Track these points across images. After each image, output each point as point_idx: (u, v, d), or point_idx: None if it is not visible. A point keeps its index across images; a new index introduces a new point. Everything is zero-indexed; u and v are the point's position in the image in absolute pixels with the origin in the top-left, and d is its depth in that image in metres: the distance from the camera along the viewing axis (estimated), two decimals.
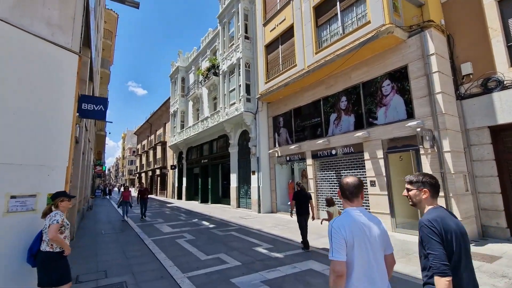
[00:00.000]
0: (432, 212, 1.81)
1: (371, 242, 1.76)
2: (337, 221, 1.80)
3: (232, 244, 7.02)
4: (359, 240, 1.73)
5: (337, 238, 1.73)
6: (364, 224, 1.80)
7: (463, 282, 1.65)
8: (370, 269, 1.72)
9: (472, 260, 1.76)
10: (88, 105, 5.27)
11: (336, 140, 10.13)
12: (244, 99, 14.20)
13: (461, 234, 1.72)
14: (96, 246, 7.13)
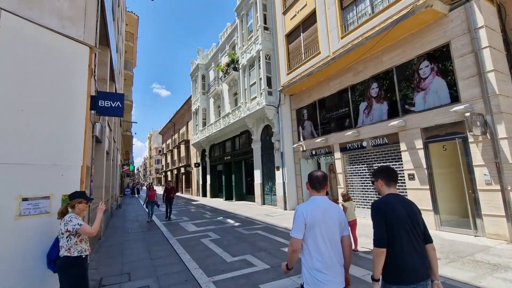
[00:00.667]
0: (384, 198, 2.12)
1: (328, 225, 2.03)
2: (302, 206, 2.09)
3: (259, 244, 6.63)
4: (318, 222, 2.01)
5: (298, 220, 2.03)
6: (324, 210, 2.07)
7: (403, 253, 1.91)
8: (325, 248, 1.99)
9: (420, 237, 2.01)
10: (105, 102, 5.08)
11: (367, 130, 9.34)
12: (265, 93, 13.70)
13: (408, 216, 1.99)
14: (123, 246, 7.06)
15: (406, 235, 1.96)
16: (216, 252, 6.10)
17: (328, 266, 1.97)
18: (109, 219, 10.99)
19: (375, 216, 2.04)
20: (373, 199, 9.29)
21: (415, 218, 2.04)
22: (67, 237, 2.77)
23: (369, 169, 9.46)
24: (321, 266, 1.96)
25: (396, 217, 1.97)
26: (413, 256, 1.93)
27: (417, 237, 1.99)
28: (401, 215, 1.98)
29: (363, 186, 9.69)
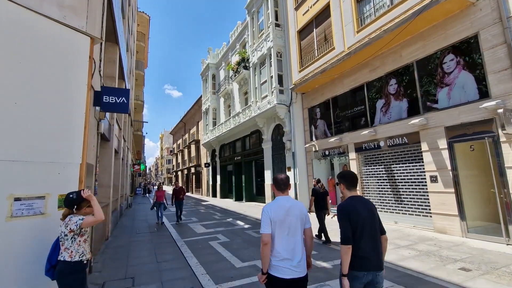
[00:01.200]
0: (347, 200, 2.36)
1: (290, 221, 2.33)
2: (267, 206, 2.39)
3: None
4: (281, 219, 2.31)
5: (265, 217, 2.33)
6: (287, 208, 2.35)
7: (362, 246, 2.21)
8: (288, 239, 2.31)
9: (377, 231, 2.30)
10: (109, 98, 4.86)
11: (385, 129, 8.83)
12: (276, 91, 13.33)
13: (368, 215, 2.27)
14: (129, 247, 6.86)
15: (366, 231, 2.25)
16: (224, 257, 5.79)
17: (290, 255, 2.30)
18: (118, 218, 10.88)
19: (340, 217, 2.28)
20: (390, 202, 8.77)
21: (373, 215, 2.32)
22: (72, 237, 2.59)
23: (387, 170, 8.94)
24: (284, 255, 2.29)
25: (357, 217, 2.25)
26: (370, 249, 2.25)
27: (374, 232, 2.29)
28: (362, 214, 2.26)
29: (380, 188, 9.17)
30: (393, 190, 8.69)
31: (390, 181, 8.79)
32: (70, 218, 2.59)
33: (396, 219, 8.53)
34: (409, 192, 8.18)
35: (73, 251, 2.57)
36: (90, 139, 4.67)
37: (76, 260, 2.57)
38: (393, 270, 4.65)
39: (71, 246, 2.57)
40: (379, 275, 2.28)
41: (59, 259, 2.60)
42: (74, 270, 2.56)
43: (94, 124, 5.03)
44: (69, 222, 2.56)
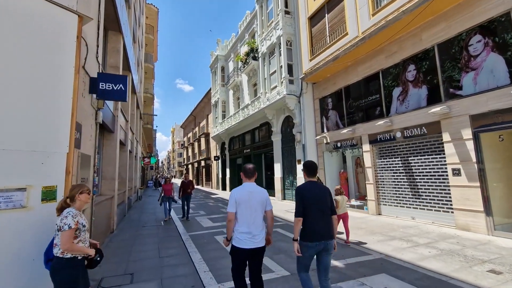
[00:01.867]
0: (304, 183, 3.01)
1: (252, 203, 2.91)
2: (234, 190, 2.99)
3: (278, 245, 5.95)
4: (244, 201, 2.89)
5: (231, 199, 2.92)
6: (250, 192, 2.94)
7: (312, 221, 2.82)
8: (248, 218, 2.88)
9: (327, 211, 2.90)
10: (106, 85, 4.58)
11: (402, 119, 8.26)
12: (286, 81, 12.83)
13: (318, 197, 2.89)
14: (134, 241, 6.69)
15: (315, 209, 2.82)
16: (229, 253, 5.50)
17: (249, 230, 2.83)
18: (125, 211, 10.82)
19: (296, 196, 2.91)
20: (407, 197, 8.25)
21: (324, 198, 2.89)
22: None
23: (403, 163, 8.39)
24: (245, 230, 2.83)
25: (309, 197, 2.84)
26: (319, 223, 2.80)
27: (324, 211, 2.86)
28: (313, 196, 2.86)
29: (395, 182, 8.64)
30: (410, 184, 8.15)
31: (407, 175, 8.25)
32: (68, 215, 2.36)
33: (413, 214, 8.02)
34: (428, 186, 7.63)
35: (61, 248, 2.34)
36: (86, 129, 4.43)
37: (68, 257, 2.36)
38: (412, 271, 4.23)
39: (59, 243, 2.36)
40: (329, 243, 2.84)
41: (54, 253, 2.39)
42: (66, 266, 2.36)
43: (91, 113, 4.78)
44: (64, 219, 2.34)
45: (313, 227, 2.79)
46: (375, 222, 8.01)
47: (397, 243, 5.76)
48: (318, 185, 2.96)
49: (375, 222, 8.09)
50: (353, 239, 6.18)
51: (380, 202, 9.13)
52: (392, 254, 5.08)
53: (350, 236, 6.09)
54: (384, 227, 7.30)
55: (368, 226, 7.51)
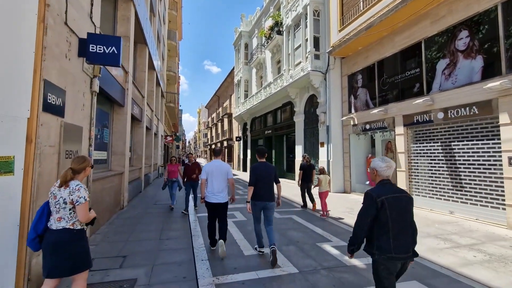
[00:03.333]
0: (255, 164, 4.28)
1: (218, 173, 4.26)
2: (206, 164, 4.42)
3: (290, 234, 5.32)
4: (211, 171, 4.26)
5: (203, 170, 4.30)
6: (216, 165, 4.31)
7: (260, 188, 4.05)
8: (215, 183, 4.23)
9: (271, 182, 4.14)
10: (97, 47, 4.04)
11: (446, 97, 6.99)
12: (311, 56, 11.66)
13: (265, 173, 4.11)
14: (140, 220, 6.43)
15: (262, 181, 4.09)
16: (235, 239, 4.98)
17: (216, 191, 4.23)
18: (141, 188, 10.77)
19: (250, 172, 4.18)
20: (446, 188, 7.14)
21: (269, 173, 4.15)
22: (71, 209, 2.30)
23: (444, 149, 7.21)
24: (212, 190, 4.24)
25: (258, 173, 4.11)
26: (262, 190, 4.08)
27: (268, 182, 4.13)
28: (261, 172, 4.12)
29: (432, 170, 7.51)
30: (451, 173, 7.00)
31: (448, 162, 7.09)
32: (80, 187, 2.29)
33: (452, 208, 6.94)
34: (474, 177, 6.47)
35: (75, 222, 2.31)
36: (74, 96, 3.96)
37: (79, 228, 2.34)
38: (453, 281, 3.39)
39: (69, 217, 2.28)
40: (269, 203, 4.07)
41: (54, 227, 2.25)
42: (79, 238, 2.33)
43: (84, 80, 4.30)
44: (75, 192, 2.26)
45: (259, 192, 4.08)
46: None
47: (432, 242, 4.86)
48: (266, 164, 4.25)
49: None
50: None
51: (413, 192, 8.07)
52: (426, 255, 4.22)
53: None
54: (416, 222, 6.33)
55: None
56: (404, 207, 2.11)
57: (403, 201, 2.12)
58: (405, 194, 2.17)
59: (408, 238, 2.10)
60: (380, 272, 2.10)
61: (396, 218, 2.06)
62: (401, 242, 2.05)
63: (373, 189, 2.19)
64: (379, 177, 2.24)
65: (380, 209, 2.06)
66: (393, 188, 2.17)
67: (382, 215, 2.06)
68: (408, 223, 2.12)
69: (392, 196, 2.09)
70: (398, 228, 2.06)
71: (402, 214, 2.09)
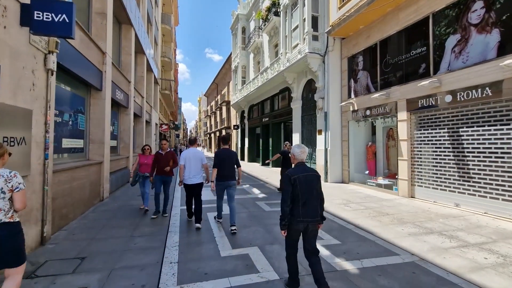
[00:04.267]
0: (219, 150, 4.99)
1: (193, 159, 4.98)
2: (183, 152, 5.09)
3: (276, 231, 4.78)
4: (189, 158, 4.98)
5: (181, 157, 4.99)
6: (191, 153, 5.03)
7: (223, 169, 4.78)
8: (191, 167, 4.96)
9: (233, 165, 4.89)
10: (44, 14, 3.39)
11: (456, 78, 6.29)
12: (309, 37, 10.85)
13: (227, 157, 4.84)
14: (116, 213, 5.93)
15: (225, 164, 4.79)
16: (214, 237, 4.46)
17: (192, 175, 4.94)
18: (128, 178, 10.25)
19: (214, 156, 4.88)
20: (451, 178, 6.55)
21: (231, 157, 4.87)
22: (10, 198, 2.16)
23: (451, 135, 6.57)
24: (189, 174, 4.94)
25: (222, 157, 4.81)
26: (225, 171, 4.79)
27: (231, 164, 4.85)
28: (224, 156, 4.83)
29: (437, 159, 6.89)
30: (458, 162, 6.39)
31: (455, 150, 6.46)
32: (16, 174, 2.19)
33: (457, 200, 6.37)
34: (484, 166, 5.86)
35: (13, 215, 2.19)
36: (17, 73, 3.35)
37: (17, 220, 2.23)
38: None
39: (8, 208, 2.15)
40: (230, 182, 4.86)
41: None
42: (19, 230, 2.24)
43: (33, 55, 3.67)
44: (13, 178, 2.16)
45: (222, 173, 4.79)
46: (406, 207, 6.51)
47: (436, 240, 4.31)
48: (229, 150, 4.98)
49: (406, 207, 6.58)
50: (376, 230, 4.82)
51: (415, 183, 7.49)
52: (429, 257, 3.68)
53: (372, 223, 4.75)
54: (418, 215, 5.80)
55: (397, 212, 6.05)
56: (311, 183, 2.63)
57: (310, 178, 2.64)
58: (313, 172, 2.72)
59: (314, 206, 2.63)
60: (291, 231, 2.64)
61: (305, 191, 2.58)
62: (307, 209, 2.59)
63: (289, 170, 2.70)
64: (296, 160, 2.80)
65: (293, 185, 2.57)
66: (304, 168, 2.71)
67: (295, 190, 2.57)
68: (315, 195, 2.65)
69: (303, 175, 2.62)
70: (305, 198, 2.58)
71: (309, 188, 2.61)
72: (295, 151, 2.80)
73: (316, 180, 2.69)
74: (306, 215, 2.57)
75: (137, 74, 13.26)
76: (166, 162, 5.62)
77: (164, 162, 5.62)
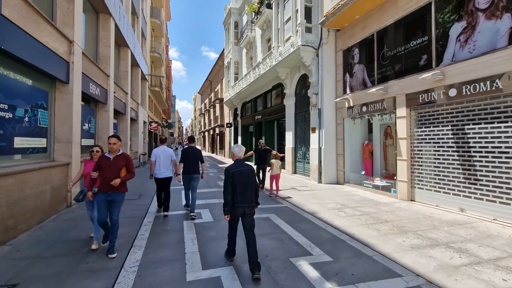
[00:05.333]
0: (185, 147, 6.26)
1: (163, 155, 5.70)
2: (154, 149, 5.75)
3: (261, 243, 4.13)
4: (159, 155, 5.67)
5: (152, 155, 5.70)
6: (162, 150, 5.73)
7: (189, 164, 5.65)
8: (160, 163, 5.66)
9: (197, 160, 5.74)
10: None
11: (461, 70, 5.68)
12: (302, 29, 10.19)
13: (192, 153, 5.67)
14: (78, 223, 5.22)
15: (190, 159, 5.60)
16: (184, 253, 3.78)
17: (162, 170, 5.63)
18: None
19: (181, 153, 5.67)
20: (456, 180, 5.96)
21: (195, 154, 5.65)
22: None
23: (456, 133, 5.97)
24: (159, 168, 5.63)
25: (188, 153, 5.61)
26: (191, 166, 5.61)
27: (195, 160, 5.65)
28: (190, 153, 5.62)
29: (440, 159, 6.30)
30: (463, 162, 5.80)
31: (460, 150, 5.87)
32: None
33: (463, 205, 5.78)
34: (493, 167, 5.27)
35: None
36: None
37: None
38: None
39: None
40: (194, 175, 5.65)
41: None
42: None
43: None
44: None
45: (188, 166, 5.63)
46: (406, 213, 5.91)
47: (443, 255, 3.69)
48: (194, 148, 5.81)
49: (406, 212, 5.97)
50: (373, 241, 4.19)
51: (415, 185, 6.90)
52: (437, 278, 3.05)
53: (369, 233, 4.12)
54: (420, 222, 5.19)
55: (397, 218, 5.44)
56: (247, 176, 3.24)
57: (246, 172, 3.25)
58: (248, 167, 3.31)
59: (250, 194, 3.24)
60: (233, 215, 3.22)
61: (241, 183, 3.19)
62: (244, 197, 3.19)
63: (229, 165, 3.29)
64: (235, 157, 3.41)
65: (233, 178, 3.18)
66: (242, 164, 3.32)
67: (234, 181, 3.17)
68: (250, 185, 3.25)
69: (240, 169, 3.24)
70: (242, 188, 3.19)
71: (245, 180, 3.22)
72: (234, 150, 3.43)
73: (251, 173, 3.29)
74: (243, 201, 3.17)
75: (120, 69, 12.49)
76: (114, 172, 3.70)
77: (111, 171, 3.69)
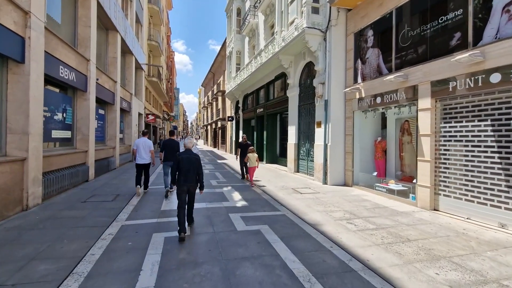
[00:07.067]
0: (165, 140, 9.06)
1: (143, 146, 6.93)
2: (136, 140, 7.69)
3: (242, 275, 3.06)
4: (139, 144, 6.92)
5: (134, 144, 7.02)
6: (143, 141, 6.98)
7: (167, 154, 7.03)
8: (140, 151, 6.90)
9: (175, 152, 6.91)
10: None
11: (509, 49, 4.46)
12: (308, 9, 8.96)
13: (172, 145, 7.10)
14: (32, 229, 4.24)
15: (169, 150, 6.95)
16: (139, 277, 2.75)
17: (141, 156, 6.88)
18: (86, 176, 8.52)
19: (162, 144, 7.14)
20: (494, 189, 4.78)
21: (173, 145, 7.03)
22: None
23: (497, 131, 4.77)
24: (140, 156, 6.88)
25: (168, 144, 7.06)
26: (169, 154, 6.86)
27: (173, 150, 6.88)
28: (169, 144, 7.05)
29: (474, 161, 5.12)
30: (506, 166, 4.62)
31: (502, 151, 4.69)
32: None
33: (503, 219, 4.62)
34: None
35: None
36: None
37: None
38: None
39: None
40: (169, 163, 6.75)
41: None
42: None
43: None
44: None
45: (167, 156, 6.86)
46: (431, 227, 4.77)
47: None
48: (173, 140, 7.13)
49: (431, 226, 4.84)
50: (396, 274, 3.09)
51: (440, 191, 5.74)
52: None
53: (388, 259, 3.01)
54: (452, 243, 4.05)
55: (421, 236, 4.31)
56: (190, 161, 4.24)
57: (191, 158, 4.27)
58: (193, 155, 4.34)
59: (192, 176, 4.24)
60: (179, 192, 4.20)
61: (185, 167, 4.20)
62: (187, 178, 4.19)
63: (180, 152, 4.35)
64: (186, 147, 4.47)
65: (179, 162, 4.20)
66: (189, 152, 4.36)
67: (180, 165, 4.20)
68: (192, 170, 4.24)
69: (186, 156, 4.26)
70: (185, 171, 4.19)
71: (189, 165, 4.23)
72: (185, 141, 4.53)
73: (195, 161, 4.31)
74: (186, 181, 4.20)
75: (108, 55, 11.45)
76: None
77: None
